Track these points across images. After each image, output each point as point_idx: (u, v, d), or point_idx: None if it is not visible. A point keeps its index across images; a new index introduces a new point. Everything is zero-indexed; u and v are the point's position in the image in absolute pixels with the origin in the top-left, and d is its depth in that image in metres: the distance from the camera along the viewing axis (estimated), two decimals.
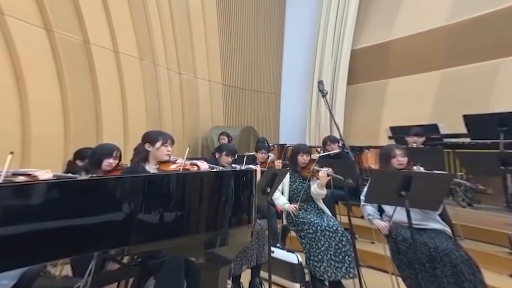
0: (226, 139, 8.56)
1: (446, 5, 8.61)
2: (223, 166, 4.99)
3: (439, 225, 4.16)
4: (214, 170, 3.91)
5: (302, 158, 5.22)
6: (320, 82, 5.75)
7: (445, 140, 6.87)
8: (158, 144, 3.99)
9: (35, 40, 6.14)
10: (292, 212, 4.89)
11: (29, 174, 3.21)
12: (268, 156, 6.59)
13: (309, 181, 5.14)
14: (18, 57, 5.85)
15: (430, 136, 6.69)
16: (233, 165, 5.17)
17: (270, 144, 8.49)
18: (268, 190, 4.27)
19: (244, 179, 2.99)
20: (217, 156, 5.28)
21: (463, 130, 6.21)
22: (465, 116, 6.11)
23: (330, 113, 6.17)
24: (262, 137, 9.18)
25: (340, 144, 6.55)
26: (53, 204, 2.23)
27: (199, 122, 9.58)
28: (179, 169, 3.89)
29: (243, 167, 4.77)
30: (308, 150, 5.40)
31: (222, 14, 9.97)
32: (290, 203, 5.04)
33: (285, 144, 9.25)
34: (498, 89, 7.68)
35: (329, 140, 7.07)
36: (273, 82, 11.65)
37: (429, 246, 3.88)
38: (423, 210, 4.15)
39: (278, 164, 6.39)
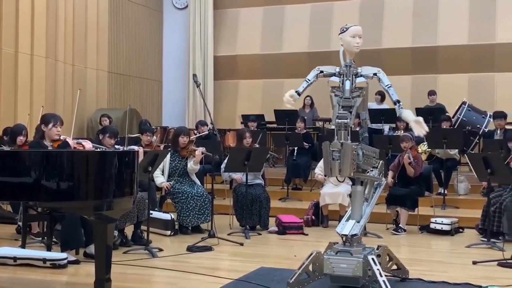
0: (108, 120, 9.13)
1: None
2: (107, 147, 5.13)
3: (260, 180, 6.43)
4: (98, 150, 4.59)
5: (183, 140, 6.07)
6: (194, 75, 6.85)
7: (268, 125, 10.63)
8: (50, 125, 4.58)
9: None
10: (166, 188, 6.01)
11: None
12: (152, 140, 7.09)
13: (186, 159, 6.09)
14: None
15: (261, 122, 10.25)
16: (116, 146, 5.38)
17: (153, 127, 8.73)
18: (150, 168, 5.08)
19: (126, 159, 3.28)
20: (100, 138, 5.38)
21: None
22: (275, 111, 9.86)
23: (203, 101, 7.26)
24: (145, 119, 9.51)
25: (210, 127, 7.70)
26: None
27: (85, 105, 10.12)
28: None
29: (125, 148, 5.16)
30: (187, 132, 6.37)
31: (112, 17, 11.17)
32: (169, 178, 6.04)
33: (168, 127, 9.95)
34: None
35: (199, 124, 8.44)
36: (155, 71, 12.78)
37: (252, 194, 6.09)
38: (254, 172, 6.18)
39: None
